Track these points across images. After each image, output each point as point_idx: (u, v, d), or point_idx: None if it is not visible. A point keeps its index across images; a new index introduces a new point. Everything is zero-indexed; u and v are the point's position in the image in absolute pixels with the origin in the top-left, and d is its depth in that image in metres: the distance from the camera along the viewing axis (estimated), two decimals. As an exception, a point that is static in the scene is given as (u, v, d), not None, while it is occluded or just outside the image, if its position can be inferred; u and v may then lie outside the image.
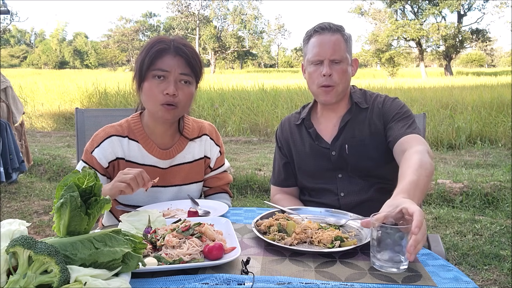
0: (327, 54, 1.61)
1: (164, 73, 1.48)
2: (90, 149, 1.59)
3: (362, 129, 1.67)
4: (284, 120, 1.86)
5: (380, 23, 35.52)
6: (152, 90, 1.49)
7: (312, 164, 1.71)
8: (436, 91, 11.59)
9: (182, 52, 1.50)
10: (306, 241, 1.24)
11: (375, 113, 1.68)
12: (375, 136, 1.65)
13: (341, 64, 1.62)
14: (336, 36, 1.63)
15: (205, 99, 10.05)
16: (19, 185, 4.99)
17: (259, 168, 5.26)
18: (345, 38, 1.65)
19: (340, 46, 1.62)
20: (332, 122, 1.72)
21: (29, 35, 78.68)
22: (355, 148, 1.65)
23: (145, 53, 1.50)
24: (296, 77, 23.17)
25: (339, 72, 1.62)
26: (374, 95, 1.75)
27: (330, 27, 1.65)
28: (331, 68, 1.61)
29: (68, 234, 0.96)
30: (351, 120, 1.68)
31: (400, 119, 1.62)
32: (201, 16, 50.99)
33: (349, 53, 1.66)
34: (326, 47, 1.62)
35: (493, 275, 2.78)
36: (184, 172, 1.67)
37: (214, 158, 1.75)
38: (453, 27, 33.38)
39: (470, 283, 1.01)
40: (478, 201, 4.13)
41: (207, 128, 1.75)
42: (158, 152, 1.62)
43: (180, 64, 1.50)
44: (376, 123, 1.66)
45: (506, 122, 7.30)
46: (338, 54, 1.61)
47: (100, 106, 10.61)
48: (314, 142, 1.71)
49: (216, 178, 1.77)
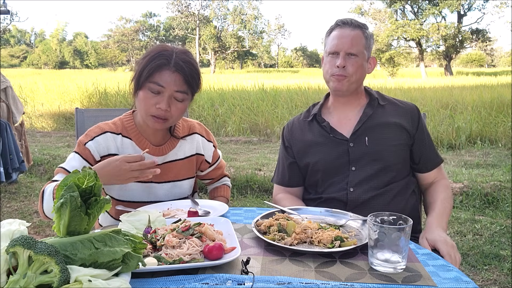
0: (344, 46, 1.66)
1: (160, 88, 1.50)
2: (84, 141, 1.60)
3: (385, 123, 1.70)
4: (291, 120, 1.88)
5: (380, 23, 35.52)
6: (146, 101, 1.52)
7: (326, 156, 1.72)
8: (436, 91, 11.59)
9: (181, 69, 1.51)
10: (306, 241, 1.24)
11: (400, 111, 1.74)
12: (398, 131, 1.69)
13: (357, 58, 1.66)
14: (357, 31, 1.68)
15: (205, 99, 10.04)
16: (19, 185, 4.99)
17: (259, 168, 5.26)
18: (366, 35, 1.70)
19: (358, 41, 1.67)
20: (347, 116, 1.75)
21: (29, 35, 78.73)
22: (376, 140, 1.68)
23: (145, 63, 1.52)
24: (296, 77, 23.18)
25: (353, 65, 1.66)
26: (389, 97, 1.82)
27: (351, 22, 1.70)
28: (346, 60, 1.66)
29: (68, 234, 0.96)
30: (373, 114, 1.72)
31: (429, 139, 1.76)
32: (201, 16, 51.00)
33: (368, 50, 1.71)
34: (344, 40, 1.67)
35: (493, 275, 2.78)
36: (176, 168, 1.71)
37: (210, 154, 1.81)
38: (453, 27, 33.39)
39: (470, 283, 1.01)
40: (478, 201, 4.13)
41: (197, 127, 1.80)
42: (151, 148, 1.65)
43: (177, 81, 1.51)
44: (402, 121, 1.71)
45: (506, 122, 7.30)
46: (356, 48, 1.66)
47: (100, 106, 10.60)
48: (330, 134, 1.73)
49: (216, 169, 1.88)
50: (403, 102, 1.79)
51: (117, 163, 1.40)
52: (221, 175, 1.94)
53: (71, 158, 1.58)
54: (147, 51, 1.58)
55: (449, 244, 1.39)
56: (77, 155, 1.58)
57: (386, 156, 1.66)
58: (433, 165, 1.75)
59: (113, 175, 1.40)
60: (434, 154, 1.76)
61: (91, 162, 1.58)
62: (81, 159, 1.57)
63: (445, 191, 1.71)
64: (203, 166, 1.82)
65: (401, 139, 1.69)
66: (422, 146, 1.73)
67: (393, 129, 1.69)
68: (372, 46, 1.74)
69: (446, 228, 1.57)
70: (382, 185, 1.65)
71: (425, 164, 1.74)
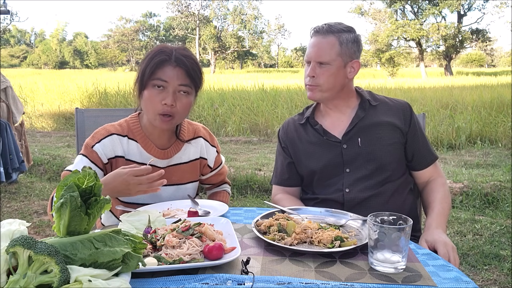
0: (313, 55, 1.66)
1: (164, 83, 1.51)
2: (91, 143, 1.59)
3: (377, 123, 1.69)
4: (287, 122, 1.88)
5: (380, 23, 35.51)
6: (151, 99, 1.53)
7: (321, 159, 1.72)
8: (436, 91, 11.59)
9: (182, 64, 1.53)
10: (306, 241, 1.24)
11: (392, 110, 1.73)
12: (391, 128, 1.69)
13: (327, 67, 1.64)
14: (328, 39, 1.64)
15: (205, 99, 10.04)
16: (19, 185, 4.99)
17: (259, 168, 5.26)
18: (342, 40, 1.65)
19: (329, 49, 1.64)
20: (340, 118, 1.74)
21: (29, 35, 78.71)
22: (369, 141, 1.68)
23: (147, 62, 1.54)
24: (296, 77, 23.17)
25: (324, 74, 1.64)
26: (380, 96, 1.80)
27: (323, 29, 1.66)
28: (316, 69, 1.65)
29: (68, 234, 0.96)
30: (365, 115, 1.71)
31: (422, 135, 1.75)
32: (201, 16, 50.98)
33: (345, 55, 1.66)
34: (314, 49, 1.66)
35: (493, 275, 2.78)
36: (180, 172, 1.70)
37: (212, 158, 1.81)
38: (453, 27, 33.38)
39: (470, 283, 1.01)
40: (478, 201, 4.13)
41: (202, 131, 1.80)
42: (156, 151, 1.64)
43: (179, 75, 1.52)
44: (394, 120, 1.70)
45: (506, 122, 7.30)
46: (325, 56, 1.63)
47: (100, 106, 10.61)
48: (323, 137, 1.72)
49: (217, 174, 1.87)
50: (394, 100, 1.78)
51: (124, 177, 1.36)
52: (221, 181, 1.93)
53: (79, 161, 1.57)
54: (147, 52, 1.59)
55: (449, 246, 1.39)
56: (85, 158, 1.57)
57: (380, 156, 1.66)
58: (427, 163, 1.74)
59: (121, 190, 1.38)
60: (428, 151, 1.75)
61: (99, 165, 1.58)
62: (89, 161, 1.56)
63: (442, 190, 1.70)
64: (205, 171, 1.81)
65: (394, 138, 1.68)
66: (415, 143, 1.72)
67: (386, 129, 1.69)
68: (356, 49, 1.68)
69: (446, 228, 1.57)
70: (378, 185, 1.65)
71: (419, 161, 1.73)
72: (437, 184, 1.72)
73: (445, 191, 1.69)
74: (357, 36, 1.70)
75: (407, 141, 1.70)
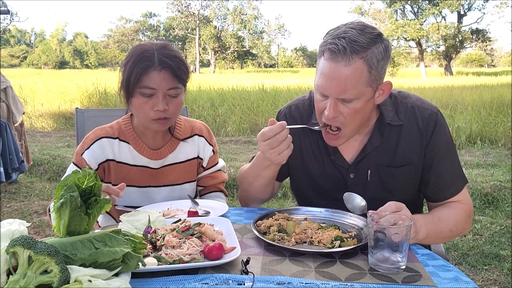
0: (334, 91, 1.27)
1: (152, 91, 1.48)
2: (80, 151, 1.61)
3: (393, 157, 1.41)
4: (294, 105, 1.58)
5: (380, 23, 35.51)
6: (142, 107, 1.50)
7: (321, 177, 1.51)
8: (436, 91, 11.59)
9: (167, 66, 1.47)
10: (306, 241, 1.23)
11: (413, 134, 1.41)
12: (407, 166, 1.42)
13: (354, 103, 1.28)
14: (354, 65, 1.22)
15: (205, 99, 10.05)
16: (19, 185, 4.99)
17: (259, 168, 5.24)
18: (371, 63, 1.24)
19: (355, 81, 1.24)
20: (354, 137, 1.44)
21: (29, 35, 78.67)
22: (380, 177, 1.43)
23: (130, 69, 1.48)
24: (296, 77, 23.16)
25: (348, 114, 1.29)
26: (408, 104, 1.43)
27: (345, 50, 1.21)
28: (337, 107, 1.29)
29: (68, 234, 0.96)
30: (380, 144, 1.41)
31: (447, 161, 1.41)
32: (201, 16, 50.97)
33: (375, 80, 1.28)
34: (334, 83, 1.25)
35: (493, 275, 2.78)
36: (176, 172, 1.68)
37: (206, 157, 1.75)
38: (453, 27, 33.41)
39: (470, 283, 1.01)
40: (478, 201, 4.13)
41: (199, 127, 1.76)
42: (148, 152, 1.63)
43: (166, 78, 1.48)
44: (413, 148, 1.40)
45: (506, 122, 7.30)
46: (350, 92, 1.25)
47: (100, 106, 10.60)
48: (330, 157, 1.46)
49: (210, 177, 1.77)
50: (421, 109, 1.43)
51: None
52: (215, 187, 1.78)
53: (70, 169, 1.62)
54: (128, 55, 1.52)
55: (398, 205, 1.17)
56: (75, 166, 1.61)
57: (392, 193, 1.43)
58: (450, 193, 1.41)
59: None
60: (452, 179, 1.40)
61: None
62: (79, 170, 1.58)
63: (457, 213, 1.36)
64: (199, 170, 1.76)
65: (411, 175, 1.42)
66: (431, 175, 1.41)
67: (400, 166, 1.41)
68: (385, 62, 1.29)
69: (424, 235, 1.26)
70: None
71: (435, 192, 1.42)
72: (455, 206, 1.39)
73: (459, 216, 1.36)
74: (387, 46, 1.29)
75: (423, 172, 1.43)
